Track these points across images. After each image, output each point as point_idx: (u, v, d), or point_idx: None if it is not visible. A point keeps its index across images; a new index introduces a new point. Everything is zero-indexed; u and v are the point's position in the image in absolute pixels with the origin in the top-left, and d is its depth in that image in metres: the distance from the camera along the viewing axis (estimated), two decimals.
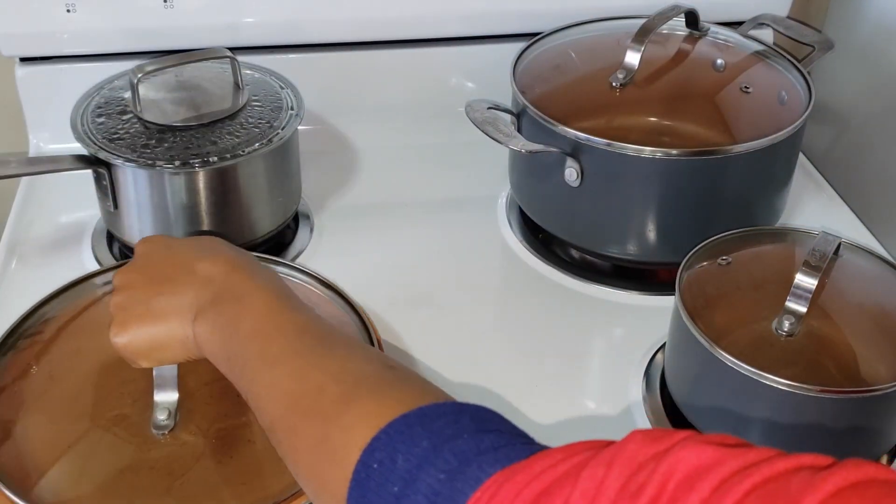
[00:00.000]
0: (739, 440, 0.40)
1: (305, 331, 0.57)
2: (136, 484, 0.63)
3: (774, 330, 0.67)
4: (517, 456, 0.44)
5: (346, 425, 0.49)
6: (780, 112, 0.86)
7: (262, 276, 0.62)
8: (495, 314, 0.88)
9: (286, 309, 0.59)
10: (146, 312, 0.61)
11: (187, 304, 0.61)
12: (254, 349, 0.57)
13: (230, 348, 0.58)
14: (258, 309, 0.59)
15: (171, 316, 0.61)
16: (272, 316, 0.58)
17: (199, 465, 0.64)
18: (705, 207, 0.84)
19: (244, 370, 0.57)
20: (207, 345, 0.60)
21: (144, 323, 0.61)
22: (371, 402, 0.50)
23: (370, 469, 0.47)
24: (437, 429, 0.47)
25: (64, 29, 0.96)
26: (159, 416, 0.65)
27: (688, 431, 0.41)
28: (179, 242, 0.67)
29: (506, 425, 0.48)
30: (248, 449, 0.65)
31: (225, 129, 0.84)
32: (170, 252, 0.65)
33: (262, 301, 0.59)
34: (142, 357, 0.62)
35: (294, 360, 0.55)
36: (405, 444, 0.46)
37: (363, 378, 0.53)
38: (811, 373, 0.64)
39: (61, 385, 0.69)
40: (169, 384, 0.65)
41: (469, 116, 0.85)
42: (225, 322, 0.59)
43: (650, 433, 0.41)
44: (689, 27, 0.94)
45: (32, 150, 1.02)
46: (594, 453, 0.42)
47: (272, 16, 0.99)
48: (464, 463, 0.44)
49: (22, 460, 0.63)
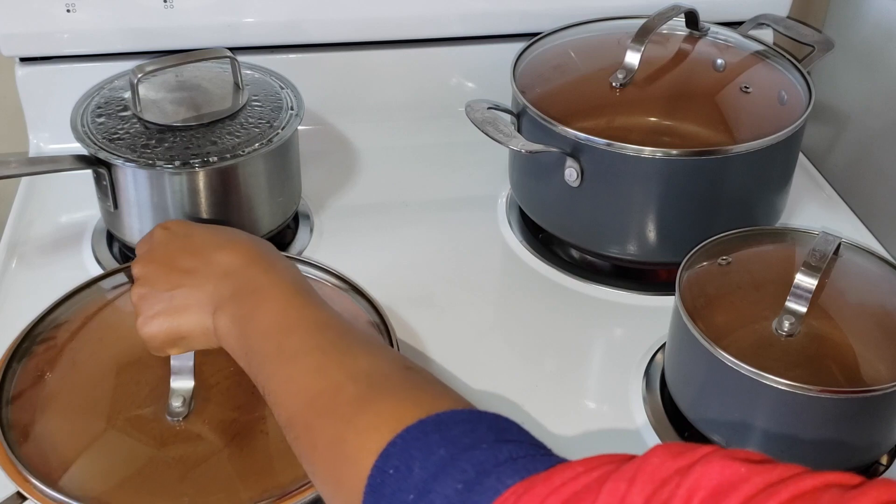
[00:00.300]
0: (764, 456, 0.39)
1: (325, 327, 0.57)
2: (152, 476, 0.63)
3: (774, 330, 0.67)
4: (536, 467, 0.43)
5: (362, 427, 0.49)
6: (780, 112, 0.86)
7: (282, 269, 0.62)
8: (495, 314, 0.88)
9: (305, 304, 0.59)
10: (169, 307, 0.62)
11: (207, 296, 0.61)
12: (272, 344, 0.57)
13: (248, 342, 0.58)
14: (277, 303, 0.58)
15: (192, 308, 0.61)
16: (291, 311, 0.58)
17: (213, 457, 0.64)
18: (705, 207, 0.84)
19: (262, 365, 0.57)
20: (226, 338, 0.60)
21: (168, 316, 0.62)
22: (388, 404, 0.49)
23: (385, 475, 0.46)
24: (455, 437, 0.46)
25: (64, 29, 0.96)
26: (174, 402, 0.66)
27: (711, 446, 0.40)
28: (199, 230, 0.67)
29: (524, 435, 0.48)
30: (262, 440, 0.65)
31: (225, 129, 0.84)
32: (189, 241, 0.65)
33: (281, 295, 0.59)
34: (168, 346, 0.63)
35: (312, 356, 0.55)
36: (421, 451, 0.46)
37: (381, 379, 0.52)
38: (811, 373, 0.64)
39: (77, 387, 0.70)
40: (185, 372, 0.66)
41: (469, 116, 0.85)
42: (244, 316, 0.59)
43: (672, 447, 0.41)
44: (689, 27, 0.94)
45: (32, 150, 1.02)
46: (615, 467, 0.41)
47: (272, 16, 0.99)
48: (481, 473, 0.43)
49: (40, 460, 0.64)
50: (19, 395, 0.68)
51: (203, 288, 0.61)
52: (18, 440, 0.64)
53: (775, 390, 0.64)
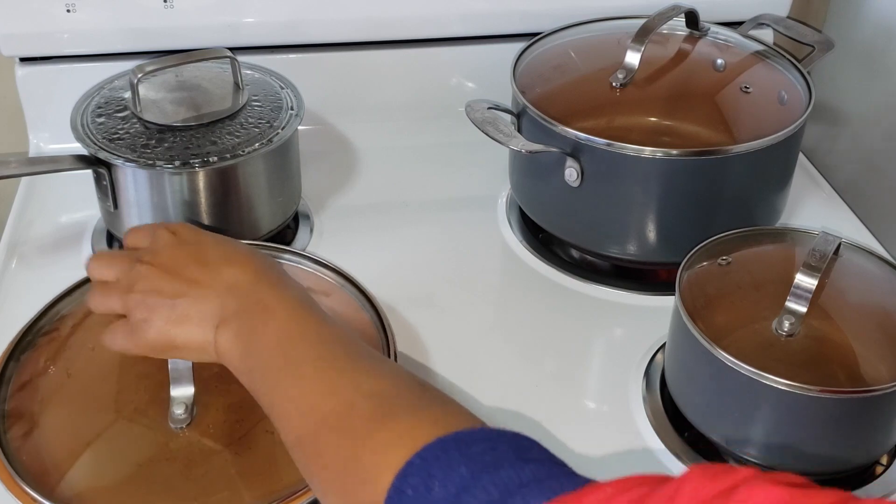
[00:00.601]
0: (804, 479, 0.39)
1: (334, 343, 0.56)
2: (154, 476, 0.63)
3: (774, 330, 0.67)
4: (562, 488, 0.42)
5: (377, 446, 0.47)
6: (780, 112, 0.86)
7: (288, 286, 0.61)
8: (495, 314, 0.88)
9: (313, 321, 0.57)
10: (170, 315, 0.60)
11: (211, 309, 0.59)
12: (278, 361, 0.55)
13: (253, 359, 0.57)
14: (284, 321, 0.57)
15: (193, 320, 0.60)
16: (298, 327, 0.57)
17: (216, 457, 0.64)
18: (705, 207, 0.84)
19: (268, 382, 0.55)
20: (228, 353, 0.58)
21: (166, 324, 0.60)
22: (403, 422, 0.48)
23: (404, 495, 0.45)
24: (475, 455, 0.45)
25: (64, 29, 0.96)
26: (176, 410, 0.65)
27: (748, 469, 0.39)
28: (208, 240, 0.65)
29: (544, 453, 0.46)
30: (265, 440, 0.65)
31: (225, 129, 0.84)
32: (198, 250, 0.64)
33: (287, 312, 0.57)
34: (156, 353, 0.62)
35: (321, 373, 0.53)
36: (441, 469, 0.44)
37: (395, 395, 0.51)
38: (811, 373, 0.64)
39: (79, 381, 0.69)
40: (184, 378, 0.65)
41: (469, 116, 0.85)
42: (248, 332, 0.57)
43: (708, 469, 0.39)
44: (689, 27, 0.94)
45: (32, 150, 1.02)
46: (649, 490, 0.39)
47: (272, 16, 0.99)
48: (506, 494, 0.42)
49: (42, 456, 0.64)
50: (21, 389, 0.68)
51: (208, 300, 0.60)
52: (19, 438, 0.64)
53: (775, 390, 0.64)
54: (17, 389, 0.68)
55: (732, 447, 0.69)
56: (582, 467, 0.62)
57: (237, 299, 0.59)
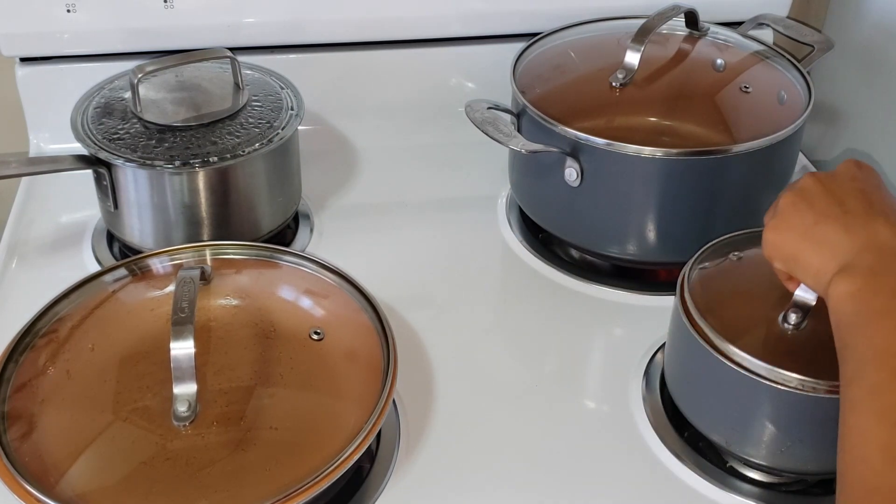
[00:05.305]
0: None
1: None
2: (157, 475, 0.63)
3: (774, 330, 0.67)
4: None
5: None
6: (780, 112, 0.86)
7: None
8: (495, 314, 0.88)
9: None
10: (808, 230, 0.60)
11: (843, 249, 0.58)
12: (889, 363, 0.52)
13: (855, 333, 0.54)
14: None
15: (825, 247, 0.59)
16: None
17: (220, 454, 0.64)
18: (705, 207, 0.84)
19: (862, 374, 0.53)
20: (838, 305, 0.56)
21: (800, 236, 0.60)
22: None
23: None
24: None
25: (64, 29, 0.96)
26: (179, 407, 0.65)
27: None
28: (884, 193, 0.62)
29: None
30: (269, 436, 0.65)
31: (225, 129, 0.84)
32: (872, 191, 0.61)
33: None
34: (777, 260, 0.63)
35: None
36: None
37: None
38: (811, 373, 0.64)
39: (79, 381, 0.69)
40: (187, 375, 0.64)
41: (469, 116, 0.85)
42: (868, 304, 0.54)
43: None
44: (689, 27, 0.95)
45: (32, 150, 1.02)
46: None
47: (272, 16, 0.99)
48: None
49: (43, 456, 0.63)
50: (20, 390, 0.68)
51: (849, 237, 0.58)
52: (19, 438, 0.64)
53: (775, 390, 0.64)
54: (17, 390, 0.68)
55: (732, 447, 0.69)
56: (582, 467, 0.62)
57: (876, 258, 0.56)
